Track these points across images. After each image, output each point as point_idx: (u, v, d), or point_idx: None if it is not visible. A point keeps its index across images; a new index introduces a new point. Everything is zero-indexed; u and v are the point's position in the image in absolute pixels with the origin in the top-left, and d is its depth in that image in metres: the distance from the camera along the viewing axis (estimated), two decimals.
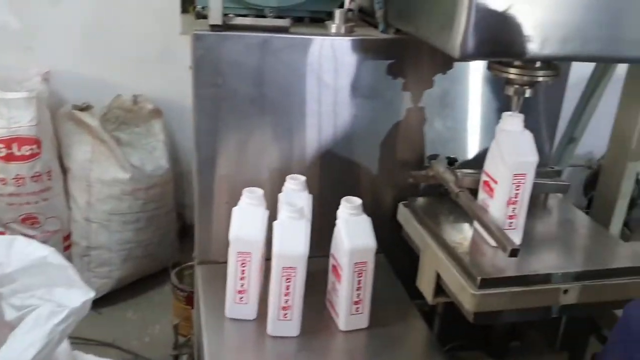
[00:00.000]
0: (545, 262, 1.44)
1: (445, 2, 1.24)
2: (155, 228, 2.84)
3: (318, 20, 1.71)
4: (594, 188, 3.50)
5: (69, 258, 2.76)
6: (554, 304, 1.37)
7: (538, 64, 1.35)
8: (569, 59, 1.29)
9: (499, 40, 1.21)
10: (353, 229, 1.40)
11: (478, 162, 1.71)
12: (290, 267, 1.35)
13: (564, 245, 1.57)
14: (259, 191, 1.44)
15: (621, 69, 2.09)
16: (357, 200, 1.42)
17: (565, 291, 1.36)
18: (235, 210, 1.43)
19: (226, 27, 1.48)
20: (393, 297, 1.62)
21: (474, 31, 1.19)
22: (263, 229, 1.41)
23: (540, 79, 1.35)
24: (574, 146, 2.31)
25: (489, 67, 1.41)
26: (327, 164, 1.68)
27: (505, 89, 1.42)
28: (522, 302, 1.35)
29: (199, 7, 1.62)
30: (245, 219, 1.41)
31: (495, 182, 1.43)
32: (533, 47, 1.23)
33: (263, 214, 1.43)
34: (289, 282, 1.36)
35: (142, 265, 2.86)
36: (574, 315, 1.62)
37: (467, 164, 1.72)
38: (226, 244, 1.65)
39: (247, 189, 1.45)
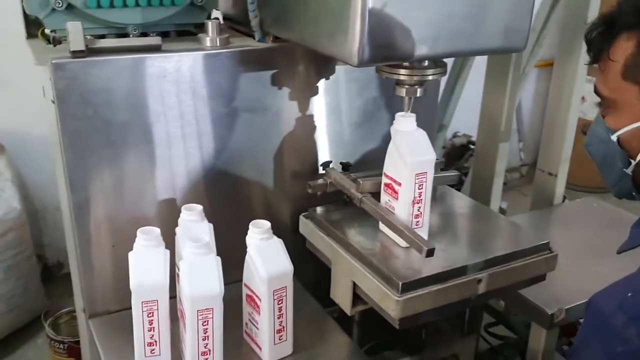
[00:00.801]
0: (455, 254, 1.45)
1: (335, 10, 1.19)
2: (16, 277, 2.52)
3: (185, 33, 1.59)
4: (449, 166, 3.73)
5: None
6: (471, 295, 1.39)
7: (426, 63, 1.35)
8: (457, 55, 1.30)
9: (395, 44, 1.19)
10: (266, 255, 1.31)
11: (370, 163, 1.71)
12: (206, 309, 1.23)
13: (464, 233, 1.62)
14: (155, 230, 1.30)
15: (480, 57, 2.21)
16: (266, 224, 1.34)
17: (479, 281, 1.39)
18: (131, 255, 1.28)
19: (90, 51, 1.31)
20: (309, 313, 1.56)
21: (370, 37, 1.15)
22: (166, 272, 1.27)
23: (430, 77, 1.36)
24: (443, 133, 2.41)
25: (378, 70, 1.39)
26: (220, 187, 1.57)
27: (396, 90, 1.41)
28: (443, 299, 1.35)
29: (49, 32, 1.42)
30: (145, 263, 1.27)
31: (398, 183, 1.42)
32: (426, 47, 1.22)
33: (164, 255, 1.29)
34: (206, 325, 1.25)
35: (8, 320, 2.53)
36: (486, 301, 1.67)
37: (360, 166, 1.69)
38: (117, 291, 1.51)
39: (142, 229, 1.30)
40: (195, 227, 1.39)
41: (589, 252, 1.91)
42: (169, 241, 1.38)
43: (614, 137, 1.11)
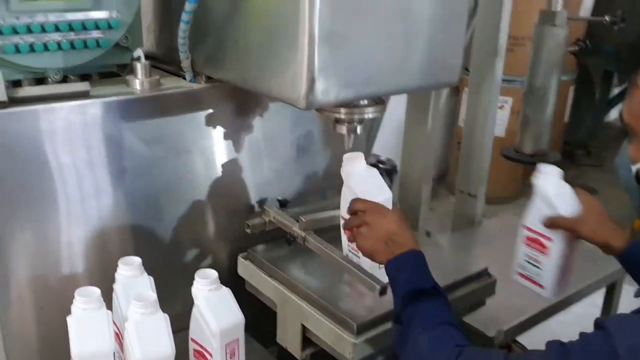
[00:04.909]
0: None
1: (281, 54, 1.17)
2: None
3: (107, 74, 1.50)
4: None
5: None
6: None
7: (366, 101, 1.36)
8: (398, 93, 1.32)
9: (342, 87, 1.19)
10: (216, 307, 1.26)
11: (307, 197, 1.70)
12: None
13: None
14: (95, 291, 1.21)
15: None
16: (213, 273, 1.28)
17: None
18: (70, 320, 1.18)
19: (12, 101, 1.20)
20: (254, 358, 1.51)
21: (317, 81, 1.15)
22: (111, 337, 1.18)
23: (371, 115, 1.37)
24: (369, 159, 2.43)
25: (318, 110, 1.38)
26: (154, 234, 1.50)
27: (336, 127, 1.41)
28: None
29: None
30: (86, 328, 1.17)
31: None
32: (371, 88, 1.24)
33: (106, 317, 1.19)
34: None
35: None
36: None
37: (298, 201, 1.67)
38: (47, 357, 1.39)
39: (79, 290, 1.20)
40: (135, 282, 1.30)
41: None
42: (106, 299, 1.29)
43: (633, 169, 1.08)
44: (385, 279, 1.27)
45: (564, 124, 4.73)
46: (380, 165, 4.17)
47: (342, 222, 1.41)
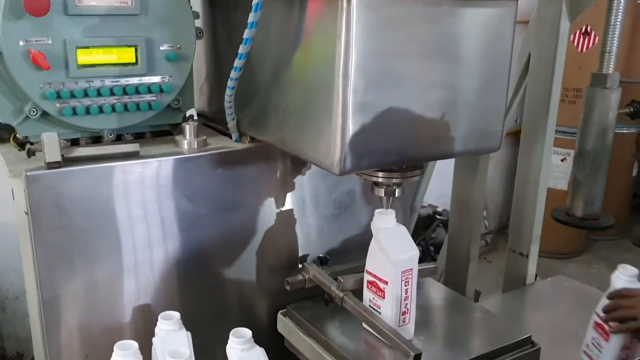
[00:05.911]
0: (440, 355, 1.44)
1: (317, 122, 1.21)
2: None
3: (161, 132, 1.58)
4: (416, 236, 3.74)
5: None
6: None
7: (404, 165, 1.37)
8: (435, 159, 1.33)
9: (376, 154, 1.20)
10: None
11: (348, 255, 1.71)
12: None
13: (445, 329, 1.60)
14: (133, 345, 1.25)
15: None
16: (247, 333, 1.30)
17: None
18: None
19: (66, 161, 1.29)
20: None
21: (351, 149, 1.17)
22: None
23: (409, 179, 1.37)
24: (414, 216, 2.41)
25: (357, 173, 1.40)
26: (196, 288, 1.54)
27: (374, 190, 1.42)
28: None
29: (20, 136, 1.41)
30: None
31: (384, 282, 1.40)
32: (405, 155, 1.24)
33: None
34: None
35: None
36: None
37: (338, 258, 1.68)
38: None
39: (119, 344, 1.24)
40: (173, 337, 1.34)
41: (566, 335, 1.90)
42: (145, 351, 1.33)
43: None
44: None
45: (633, 177, 4.55)
46: (437, 217, 4.12)
47: (366, 275, 1.43)
